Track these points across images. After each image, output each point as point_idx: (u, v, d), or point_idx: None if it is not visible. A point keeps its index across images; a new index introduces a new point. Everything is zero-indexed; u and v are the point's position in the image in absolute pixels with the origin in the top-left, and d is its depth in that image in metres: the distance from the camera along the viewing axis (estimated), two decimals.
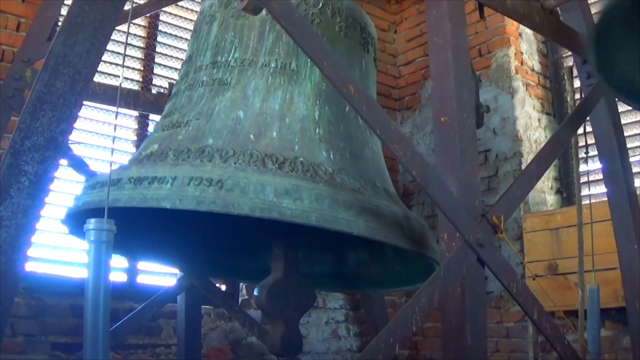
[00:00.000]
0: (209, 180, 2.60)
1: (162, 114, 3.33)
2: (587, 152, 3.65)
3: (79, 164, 3.70)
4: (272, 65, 3.08)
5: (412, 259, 3.19)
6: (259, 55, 3.09)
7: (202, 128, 2.94)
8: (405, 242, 2.74)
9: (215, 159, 2.75)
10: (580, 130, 3.42)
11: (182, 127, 3.01)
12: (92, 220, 2.01)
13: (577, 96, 3.71)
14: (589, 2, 3.68)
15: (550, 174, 5.35)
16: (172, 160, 2.80)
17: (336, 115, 3.04)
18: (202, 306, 4.28)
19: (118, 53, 4.72)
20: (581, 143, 3.64)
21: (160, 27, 5.05)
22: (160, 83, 4.89)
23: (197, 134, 2.92)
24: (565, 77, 5.38)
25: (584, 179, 4.87)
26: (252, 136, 2.87)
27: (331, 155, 2.93)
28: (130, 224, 3.01)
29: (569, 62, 5.33)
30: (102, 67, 4.40)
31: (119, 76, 4.69)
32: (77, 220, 2.94)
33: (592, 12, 3.65)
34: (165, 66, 5.00)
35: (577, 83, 3.75)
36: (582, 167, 4.76)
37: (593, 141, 3.54)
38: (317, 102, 3.07)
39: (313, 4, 3.20)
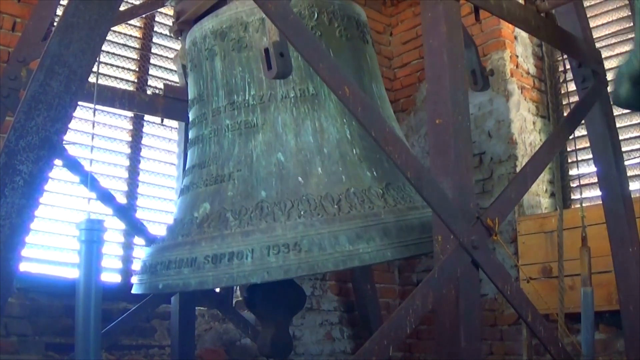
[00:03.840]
0: (285, 245, 2.66)
1: (193, 161, 3.32)
2: (576, 156, 3.66)
3: (73, 164, 3.69)
4: (292, 95, 3.09)
5: None
6: (276, 88, 3.09)
7: (248, 180, 2.95)
8: None
9: (278, 216, 2.79)
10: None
11: (226, 181, 3.01)
12: (84, 219, 2.01)
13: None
14: (585, 5, 3.69)
15: (544, 177, 5.35)
16: (236, 225, 2.82)
17: None
18: (196, 307, 4.27)
19: (113, 54, 4.71)
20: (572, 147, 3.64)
21: (155, 28, 5.04)
22: (155, 84, 4.88)
23: (247, 188, 2.93)
24: (560, 81, 5.40)
25: (577, 183, 4.89)
26: (300, 179, 2.90)
27: (374, 172, 2.98)
28: None
29: (565, 65, 5.34)
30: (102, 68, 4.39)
31: (114, 77, 4.68)
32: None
33: (587, 15, 3.65)
34: (160, 67, 4.99)
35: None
36: (574, 171, 4.79)
37: (587, 144, 3.55)
38: (345, 120, 3.09)
39: (309, 16, 3.20)
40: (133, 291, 3.30)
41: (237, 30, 3.19)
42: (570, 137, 3.43)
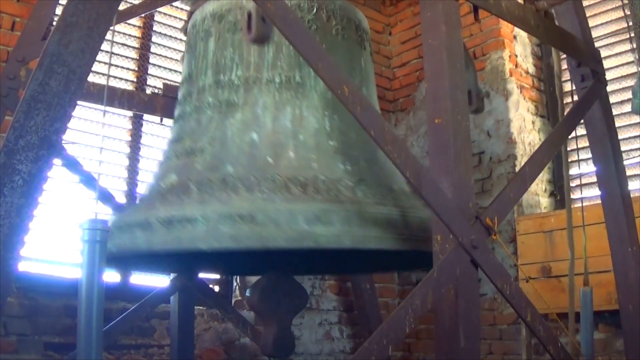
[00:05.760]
0: (240, 216, 2.62)
1: (171, 137, 3.32)
2: (578, 155, 3.66)
3: (72, 164, 3.69)
4: (277, 80, 3.08)
5: None
6: (262, 71, 3.08)
7: (218, 155, 2.93)
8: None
9: (240, 189, 2.76)
10: (574, 134, 3.42)
11: (197, 154, 3.00)
12: (86, 219, 2.01)
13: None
14: (584, 4, 3.69)
15: (544, 176, 5.35)
16: (197, 194, 2.80)
17: (346, 123, 3.04)
18: (195, 307, 4.28)
19: (113, 53, 4.71)
20: (573, 146, 3.64)
21: (154, 28, 5.04)
22: (154, 83, 4.88)
23: (215, 162, 2.91)
24: (560, 80, 5.40)
25: (576, 182, 4.89)
26: (270, 159, 2.88)
27: (348, 167, 2.95)
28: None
29: (564, 64, 5.34)
30: (96, 66, 4.39)
31: (113, 76, 4.68)
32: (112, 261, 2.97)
33: (587, 14, 3.65)
34: (159, 66, 4.99)
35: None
36: (574, 170, 4.78)
37: (586, 144, 3.55)
38: (326, 113, 3.07)
39: (308, 10, 3.20)
40: None
41: (234, 14, 3.19)
42: (570, 137, 3.42)
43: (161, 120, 4.40)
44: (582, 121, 3.41)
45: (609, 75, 3.92)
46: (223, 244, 2.62)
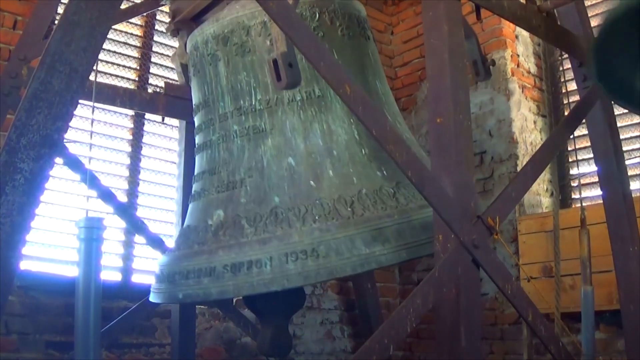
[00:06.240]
0: (303, 252, 2.67)
1: (202, 167, 3.32)
2: (576, 155, 3.65)
3: (74, 163, 3.69)
4: (299, 98, 3.08)
5: None
6: (282, 92, 3.07)
7: (260, 186, 2.96)
8: None
9: (293, 221, 2.80)
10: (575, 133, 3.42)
11: (238, 187, 3.02)
12: (83, 217, 2.01)
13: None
14: (586, 4, 3.68)
15: (545, 176, 5.35)
16: (252, 233, 2.83)
17: None
18: (196, 306, 4.27)
19: (114, 52, 4.71)
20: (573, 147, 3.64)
21: (156, 27, 5.04)
22: (156, 82, 4.88)
23: (259, 194, 2.93)
24: (562, 80, 5.40)
25: (577, 182, 4.88)
26: (312, 182, 2.90)
27: (384, 172, 2.98)
28: None
29: (566, 64, 5.33)
30: (100, 66, 4.39)
31: (115, 75, 4.69)
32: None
33: (589, 14, 3.65)
34: (161, 65, 4.99)
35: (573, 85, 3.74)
36: (574, 170, 4.78)
37: (588, 144, 3.54)
38: (352, 121, 3.08)
39: (311, 17, 3.19)
40: (151, 299, 3.31)
41: (239, 35, 3.19)
42: (571, 137, 3.42)
43: (163, 119, 4.41)
44: (583, 121, 3.41)
45: None
46: (294, 283, 2.70)
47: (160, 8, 4.68)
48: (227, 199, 3.02)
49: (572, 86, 3.82)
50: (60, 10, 3.73)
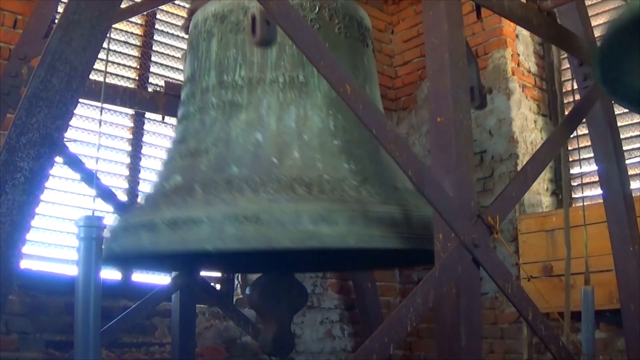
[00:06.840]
0: (245, 217, 2.61)
1: (175, 137, 3.32)
2: (579, 154, 3.65)
3: (74, 162, 3.69)
4: (281, 80, 3.07)
5: None
6: (266, 71, 3.07)
7: (223, 156, 2.93)
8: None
9: (245, 190, 2.75)
10: (576, 133, 3.42)
11: (201, 155, 2.99)
12: (82, 217, 2.01)
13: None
14: (586, 4, 3.68)
15: (545, 175, 5.35)
16: (202, 195, 2.79)
17: (350, 122, 3.03)
18: (196, 305, 4.28)
19: (114, 51, 4.71)
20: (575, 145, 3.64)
21: (157, 26, 5.04)
22: (156, 81, 4.88)
23: (220, 163, 2.91)
24: (562, 79, 5.40)
25: (578, 181, 4.88)
26: (274, 159, 2.87)
27: (352, 166, 2.95)
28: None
29: (566, 64, 5.33)
30: (98, 64, 4.38)
31: (115, 74, 4.69)
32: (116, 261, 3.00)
33: (590, 14, 3.65)
34: (161, 64, 4.99)
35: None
36: (576, 169, 4.78)
37: (588, 143, 3.54)
38: (330, 112, 3.07)
39: (310, 9, 3.19)
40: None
41: (237, 14, 3.19)
42: (572, 136, 3.42)
43: (163, 118, 4.41)
44: (583, 120, 3.41)
45: None
46: (228, 245, 2.62)
47: (160, 7, 4.69)
48: (188, 165, 3.00)
49: (572, 85, 3.81)
50: (61, 9, 3.73)
